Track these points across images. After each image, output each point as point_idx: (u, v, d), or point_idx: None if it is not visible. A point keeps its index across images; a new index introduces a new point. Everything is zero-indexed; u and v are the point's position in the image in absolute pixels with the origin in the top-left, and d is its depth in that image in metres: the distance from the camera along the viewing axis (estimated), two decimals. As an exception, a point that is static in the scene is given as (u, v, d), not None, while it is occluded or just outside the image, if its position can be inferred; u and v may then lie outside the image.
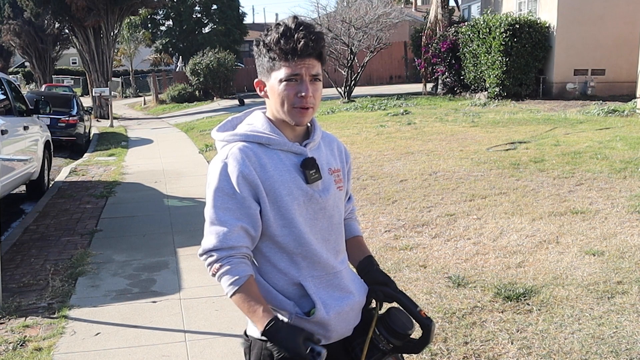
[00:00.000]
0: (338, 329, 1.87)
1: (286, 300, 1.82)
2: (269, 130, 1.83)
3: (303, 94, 1.76)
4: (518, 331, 3.68)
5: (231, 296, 1.75)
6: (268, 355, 1.82)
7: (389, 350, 1.86)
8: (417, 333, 1.88)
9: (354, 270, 2.04)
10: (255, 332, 1.86)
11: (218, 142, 1.90)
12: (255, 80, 1.89)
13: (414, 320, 1.88)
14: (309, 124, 1.93)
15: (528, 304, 4.02)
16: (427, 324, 1.86)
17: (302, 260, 1.83)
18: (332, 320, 1.83)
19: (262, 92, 1.87)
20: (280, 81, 1.78)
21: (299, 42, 1.74)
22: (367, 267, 2.00)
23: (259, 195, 1.78)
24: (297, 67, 1.76)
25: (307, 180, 1.82)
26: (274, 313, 1.75)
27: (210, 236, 1.77)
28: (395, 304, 1.91)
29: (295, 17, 1.80)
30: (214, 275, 1.77)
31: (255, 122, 1.88)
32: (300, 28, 1.76)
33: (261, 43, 1.81)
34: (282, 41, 1.75)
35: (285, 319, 1.81)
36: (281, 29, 1.77)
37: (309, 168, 1.83)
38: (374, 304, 1.96)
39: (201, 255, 1.79)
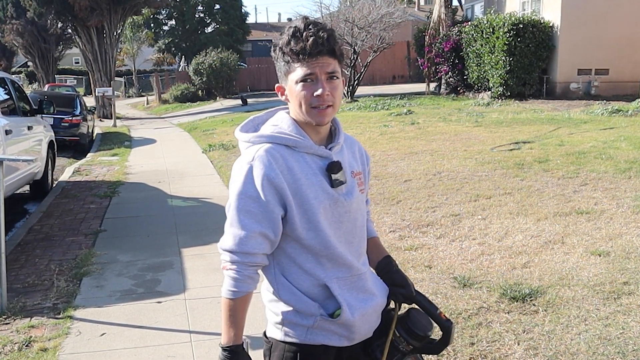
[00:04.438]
0: (361, 331, 1.87)
1: (311, 302, 1.82)
2: (295, 132, 1.82)
3: (319, 92, 1.75)
4: (524, 332, 3.67)
5: (223, 297, 1.80)
6: (291, 357, 1.83)
7: (408, 352, 1.86)
8: (436, 333, 1.88)
9: (374, 271, 2.03)
10: (278, 334, 1.86)
11: (242, 143, 1.88)
12: (276, 85, 1.88)
13: (433, 322, 1.88)
14: (332, 127, 1.92)
15: (534, 305, 4.01)
16: (447, 326, 1.87)
17: (327, 262, 1.83)
18: (357, 321, 1.84)
19: (284, 97, 1.86)
20: (297, 82, 1.77)
21: (308, 40, 1.73)
22: (386, 268, 2.00)
23: (285, 199, 1.77)
24: (311, 67, 1.75)
25: (332, 184, 1.82)
26: (243, 339, 1.81)
27: (229, 237, 1.78)
28: (415, 305, 1.91)
29: (305, 18, 1.79)
30: (223, 270, 1.82)
31: (280, 123, 1.86)
32: (309, 27, 1.75)
33: (277, 48, 1.81)
34: (292, 42, 1.75)
35: (310, 322, 1.83)
36: (291, 30, 1.77)
37: (334, 172, 1.82)
38: (392, 305, 1.96)
39: (219, 248, 1.82)
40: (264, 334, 1.92)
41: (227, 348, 1.77)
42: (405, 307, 1.95)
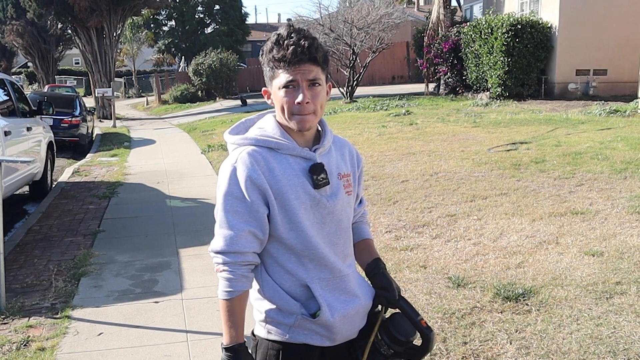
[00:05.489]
0: (343, 332, 1.90)
1: (293, 301, 1.85)
2: (279, 134, 1.86)
3: (299, 99, 1.79)
4: (517, 331, 3.70)
5: (219, 299, 1.82)
6: (274, 355, 1.87)
7: (390, 355, 1.88)
8: (419, 339, 1.90)
9: (363, 273, 2.06)
10: (262, 332, 1.90)
11: (229, 145, 1.93)
12: (263, 88, 1.94)
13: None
14: (319, 128, 1.95)
15: (527, 305, 4.05)
16: (426, 334, 1.88)
17: (309, 262, 1.86)
18: (337, 322, 1.86)
19: (270, 100, 1.90)
20: (279, 88, 1.82)
21: (288, 49, 1.77)
22: (374, 270, 2.01)
23: (268, 199, 1.81)
24: (292, 73, 1.79)
25: (314, 186, 1.84)
26: (244, 338, 1.82)
27: (219, 238, 1.82)
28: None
29: (289, 25, 1.83)
30: (217, 272, 1.84)
31: (266, 126, 1.90)
32: (291, 35, 1.79)
33: (263, 53, 1.85)
34: (274, 50, 1.80)
35: (291, 321, 1.85)
36: (274, 37, 1.82)
37: (316, 173, 1.85)
38: (379, 307, 1.98)
39: (210, 252, 1.85)
40: (252, 332, 1.96)
41: (229, 348, 1.78)
42: (391, 310, 1.97)
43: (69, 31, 32.15)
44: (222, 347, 1.80)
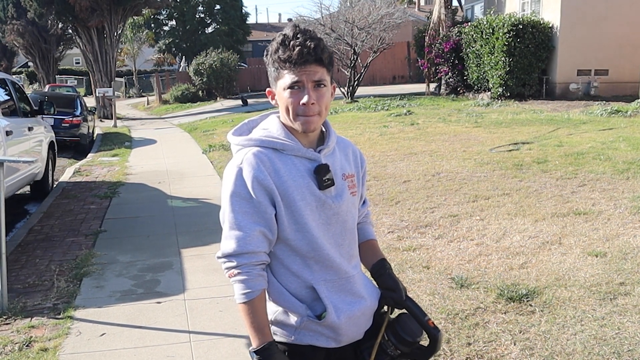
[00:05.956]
0: (349, 333, 1.89)
1: (298, 303, 1.84)
2: (284, 135, 1.85)
3: (304, 100, 1.78)
4: (521, 332, 3.69)
5: (239, 304, 1.78)
6: None
7: (397, 356, 1.88)
8: (425, 340, 1.89)
9: (368, 273, 2.05)
10: None
11: (233, 146, 1.91)
12: (267, 89, 1.92)
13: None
14: (323, 129, 1.94)
15: (531, 305, 4.04)
16: (434, 334, 1.88)
17: (315, 264, 1.85)
18: (343, 324, 1.85)
19: (274, 101, 1.89)
20: (284, 89, 1.81)
21: (294, 49, 1.76)
22: (380, 271, 2.01)
23: (275, 200, 1.80)
24: (298, 74, 1.78)
25: (319, 187, 1.84)
26: (272, 337, 1.78)
27: (230, 241, 1.78)
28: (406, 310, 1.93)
29: (295, 26, 1.82)
30: (230, 277, 1.80)
31: (270, 127, 1.89)
32: (297, 36, 1.78)
33: (268, 54, 1.84)
34: (280, 50, 1.79)
35: (297, 321, 1.84)
36: (280, 38, 1.81)
37: (322, 174, 1.84)
38: (385, 308, 1.97)
39: (220, 258, 1.81)
40: None
41: (259, 350, 1.74)
42: (397, 311, 1.97)
43: (70, 31, 32.15)
44: (252, 351, 1.75)
